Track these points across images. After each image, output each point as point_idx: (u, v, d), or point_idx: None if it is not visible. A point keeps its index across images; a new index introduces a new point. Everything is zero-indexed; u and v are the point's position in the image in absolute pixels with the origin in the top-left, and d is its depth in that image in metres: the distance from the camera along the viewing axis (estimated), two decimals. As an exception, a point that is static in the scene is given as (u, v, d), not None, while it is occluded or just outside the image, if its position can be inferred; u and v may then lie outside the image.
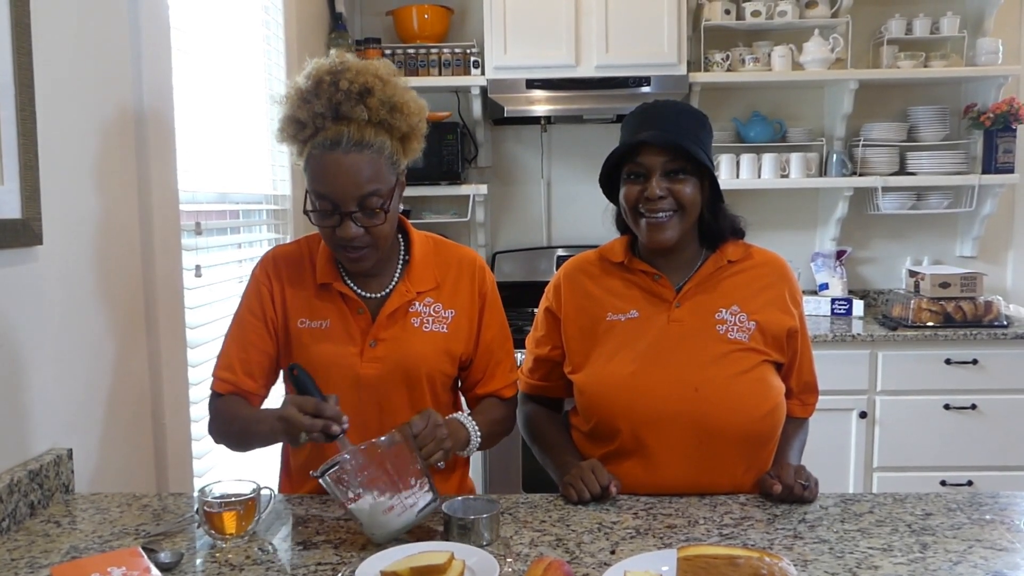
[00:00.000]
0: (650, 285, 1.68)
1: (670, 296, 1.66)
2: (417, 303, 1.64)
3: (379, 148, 1.51)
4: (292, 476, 1.75)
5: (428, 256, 1.68)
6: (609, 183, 1.71)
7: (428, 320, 1.64)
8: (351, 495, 1.32)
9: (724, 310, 1.64)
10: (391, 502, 1.31)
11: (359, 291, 1.64)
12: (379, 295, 1.65)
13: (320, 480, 1.33)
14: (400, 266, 1.67)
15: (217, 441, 1.67)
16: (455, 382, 1.74)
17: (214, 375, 1.65)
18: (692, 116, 1.66)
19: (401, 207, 1.65)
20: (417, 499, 1.34)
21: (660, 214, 1.60)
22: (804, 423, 1.80)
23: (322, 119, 1.52)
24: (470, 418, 1.60)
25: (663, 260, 1.68)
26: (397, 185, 1.57)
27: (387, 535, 1.33)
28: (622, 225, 1.74)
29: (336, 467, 1.32)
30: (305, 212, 1.56)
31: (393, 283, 1.65)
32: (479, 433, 1.59)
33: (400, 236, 1.70)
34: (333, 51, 1.58)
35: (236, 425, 1.60)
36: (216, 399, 1.65)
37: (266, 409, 1.63)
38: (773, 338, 1.65)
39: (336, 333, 1.61)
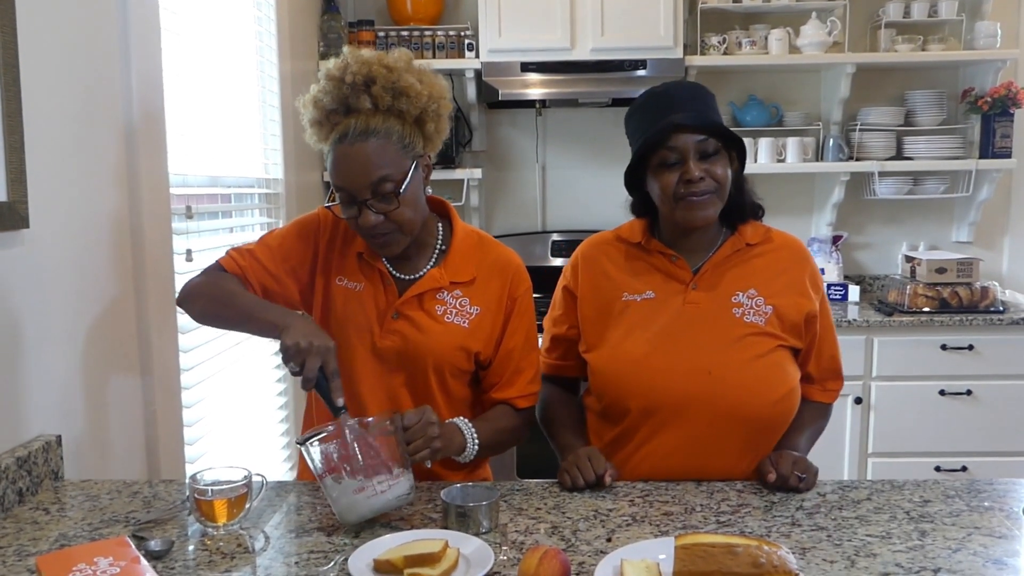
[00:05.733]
0: (667, 266, 1.67)
1: (687, 277, 1.65)
2: (446, 292, 1.63)
3: (385, 133, 1.52)
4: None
5: (470, 250, 1.67)
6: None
7: (451, 311, 1.63)
8: (327, 468, 1.34)
9: (741, 293, 1.63)
10: (363, 484, 1.32)
11: (392, 271, 1.65)
12: (410, 277, 1.65)
13: (300, 448, 1.35)
14: (436, 254, 1.67)
15: (190, 300, 1.60)
16: (474, 377, 1.70)
17: (228, 253, 1.64)
18: (707, 93, 1.65)
19: (430, 190, 1.65)
20: (390, 486, 1.34)
21: (702, 195, 1.58)
22: (824, 409, 1.76)
23: (335, 115, 1.55)
24: (470, 425, 1.57)
25: (682, 241, 1.67)
26: (416, 168, 1.56)
27: (356, 516, 1.33)
28: (638, 211, 1.73)
29: (319, 436, 1.34)
30: (327, 207, 1.60)
31: (426, 268, 1.65)
32: (477, 442, 1.56)
33: (440, 225, 1.69)
34: (346, 48, 1.59)
35: (243, 299, 1.56)
36: (218, 270, 1.62)
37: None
38: (791, 323, 1.63)
39: (366, 297, 1.63)
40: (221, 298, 1.57)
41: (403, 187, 1.52)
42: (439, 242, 1.68)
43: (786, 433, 1.66)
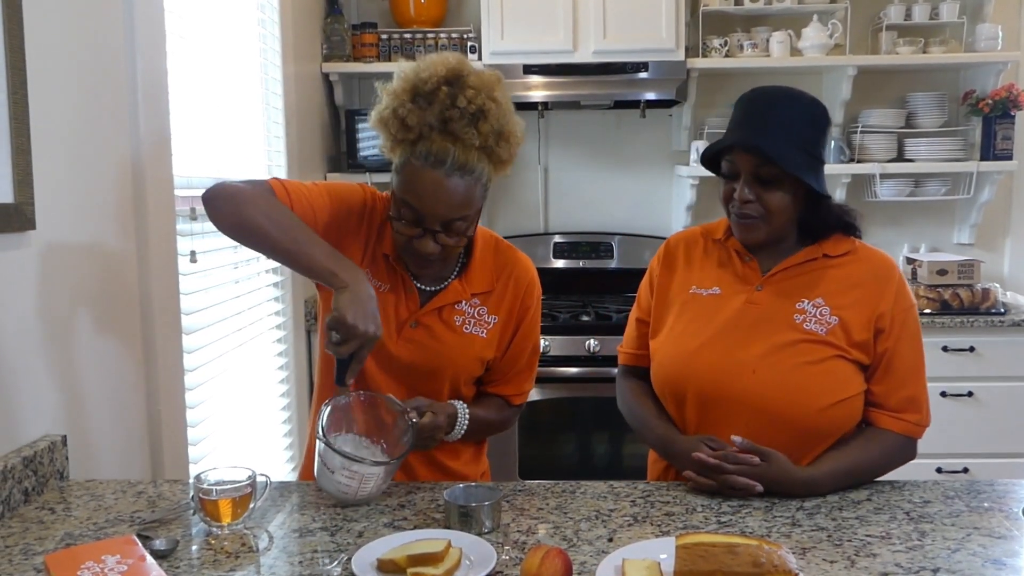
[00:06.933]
0: (739, 266, 1.67)
1: (755, 279, 1.64)
2: (464, 302, 1.64)
3: (478, 176, 1.50)
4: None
5: (488, 259, 1.68)
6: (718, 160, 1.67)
7: (470, 321, 1.64)
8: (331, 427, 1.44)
9: (807, 301, 1.60)
10: (351, 483, 1.40)
11: (415, 282, 1.64)
12: (432, 288, 1.65)
13: (319, 436, 1.42)
14: (458, 265, 1.67)
15: (230, 201, 1.44)
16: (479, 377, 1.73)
17: (284, 187, 1.52)
18: (801, 111, 1.57)
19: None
20: (372, 483, 1.42)
21: (746, 218, 1.59)
22: (887, 438, 1.57)
23: (429, 129, 1.47)
24: (466, 415, 1.61)
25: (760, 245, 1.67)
26: (482, 206, 1.57)
27: (333, 496, 1.43)
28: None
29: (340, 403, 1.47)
30: (389, 218, 1.55)
31: (449, 280, 1.65)
32: (465, 428, 1.61)
33: None
34: (451, 55, 1.53)
35: (304, 232, 1.44)
36: (269, 191, 1.49)
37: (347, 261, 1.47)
38: (858, 337, 1.57)
39: (388, 301, 1.61)
40: (277, 218, 1.43)
41: (474, 227, 1.55)
42: (460, 253, 1.67)
43: (823, 452, 1.55)
